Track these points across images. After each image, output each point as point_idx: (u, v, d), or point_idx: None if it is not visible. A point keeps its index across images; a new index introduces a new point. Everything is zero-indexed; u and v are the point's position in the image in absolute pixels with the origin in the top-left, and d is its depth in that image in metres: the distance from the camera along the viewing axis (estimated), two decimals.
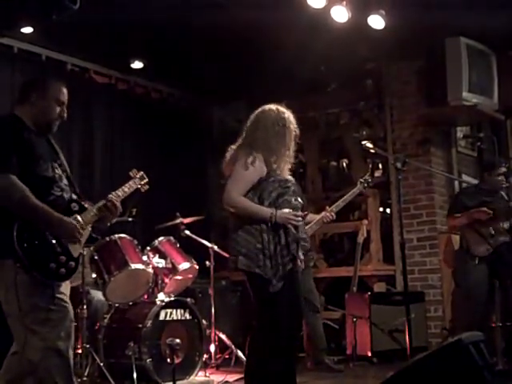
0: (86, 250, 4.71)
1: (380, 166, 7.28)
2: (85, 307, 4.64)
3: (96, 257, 4.93)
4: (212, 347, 5.59)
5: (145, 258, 5.16)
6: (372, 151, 4.88)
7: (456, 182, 6.97)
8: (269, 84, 6.54)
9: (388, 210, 7.26)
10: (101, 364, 4.69)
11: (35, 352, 2.93)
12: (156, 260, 5.24)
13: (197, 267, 5.49)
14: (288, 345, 3.51)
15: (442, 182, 6.89)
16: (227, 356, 5.69)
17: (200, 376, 5.13)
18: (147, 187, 3.72)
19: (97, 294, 5.16)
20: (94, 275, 4.94)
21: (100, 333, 4.92)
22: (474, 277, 5.13)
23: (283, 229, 3.49)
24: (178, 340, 4.19)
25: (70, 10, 4.38)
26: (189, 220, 5.81)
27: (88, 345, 4.67)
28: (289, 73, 6.44)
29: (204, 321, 5.26)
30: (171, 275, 5.31)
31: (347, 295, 6.27)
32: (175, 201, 6.70)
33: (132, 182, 3.61)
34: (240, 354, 5.51)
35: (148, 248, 5.32)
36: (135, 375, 4.62)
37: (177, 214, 5.74)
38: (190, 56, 6.37)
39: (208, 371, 5.27)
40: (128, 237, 5.14)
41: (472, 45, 6.32)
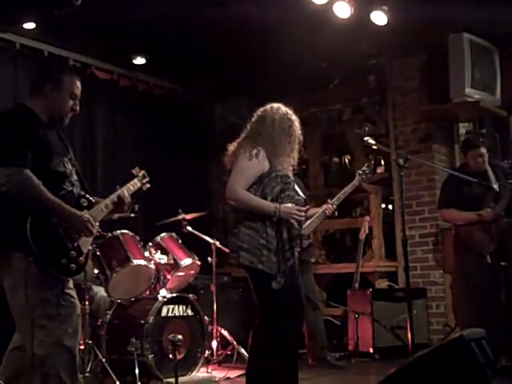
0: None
1: (382, 163, 7.27)
2: (87, 303, 4.64)
3: (98, 253, 4.94)
4: (214, 343, 5.59)
5: (147, 254, 5.17)
6: (374, 147, 4.86)
7: None
8: (271, 80, 6.52)
9: (390, 207, 7.25)
10: (103, 360, 4.69)
11: (41, 347, 2.91)
12: (158, 256, 5.25)
13: (199, 263, 5.49)
14: (290, 341, 3.50)
15: (444, 179, 6.85)
16: (229, 352, 5.69)
17: (202, 372, 5.14)
18: (148, 186, 3.73)
19: (99, 290, 5.17)
20: (97, 271, 4.94)
21: (102, 329, 4.92)
22: (478, 275, 5.11)
23: (285, 225, 3.48)
24: (180, 336, 4.19)
25: (72, 6, 4.38)
26: (191, 216, 5.81)
27: (90, 341, 4.68)
28: (291, 69, 6.42)
29: (206, 317, 5.27)
30: (173, 271, 5.32)
31: (349, 292, 6.27)
32: (177, 197, 6.69)
33: (137, 180, 3.63)
34: (242, 351, 5.50)
35: (150, 244, 5.33)
36: (137, 371, 4.63)
37: (179, 210, 5.74)
38: (192, 52, 6.35)
39: (210, 367, 5.29)
40: (130, 233, 5.15)
41: (475, 41, 6.30)
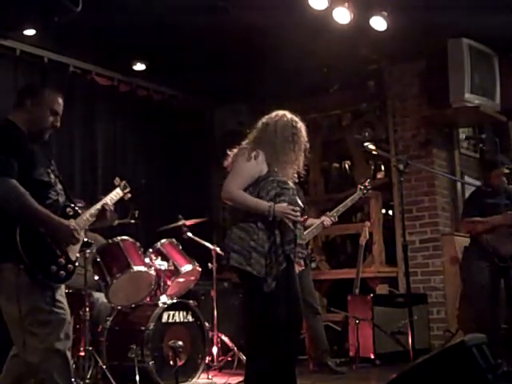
0: (89, 253, 4.72)
1: (382, 168, 7.28)
2: (87, 310, 4.63)
3: (98, 259, 4.94)
4: (214, 349, 5.59)
5: (147, 261, 5.16)
6: (374, 153, 4.88)
7: (458, 184, 6.96)
8: (271, 86, 6.52)
9: (390, 212, 7.24)
10: (103, 366, 4.68)
11: (35, 354, 2.95)
12: (158, 262, 5.24)
13: (199, 269, 5.48)
14: (287, 346, 3.45)
15: (445, 184, 6.87)
16: (230, 358, 5.67)
17: (202, 378, 5.13)
18: (130, 196, 3.80)
19: (100, 297, 5.16)
20: (97, 277, 4.94)
21: (103, 335, 4.91)
22: (484, 276, 5.14)
23: (279, 229, 3.46)
24: (181, 342, 4.19)
25: (72, 13, 4.39)
26: (191, 222, 5.80)
27: (91, 347, 4.66)
28: (291, 74, 6.43)
29: (206, 323, 5.26)
30: (173, 277, 5.31)
31: (350, 297, 6.26)
32: (177, 203, 6.69)
33: (119, 190, 3.70)
34: (242, 357, 5.49)
35: (150, 250, 5.32)
36: (138, 378, 4.62)
37: (179, 216, 5.74)
38: (192, 58, 6.36)
39: (210, 373, 5.28)
40: (130, 239, 5.15)
41: (474, 46, 6.31)
